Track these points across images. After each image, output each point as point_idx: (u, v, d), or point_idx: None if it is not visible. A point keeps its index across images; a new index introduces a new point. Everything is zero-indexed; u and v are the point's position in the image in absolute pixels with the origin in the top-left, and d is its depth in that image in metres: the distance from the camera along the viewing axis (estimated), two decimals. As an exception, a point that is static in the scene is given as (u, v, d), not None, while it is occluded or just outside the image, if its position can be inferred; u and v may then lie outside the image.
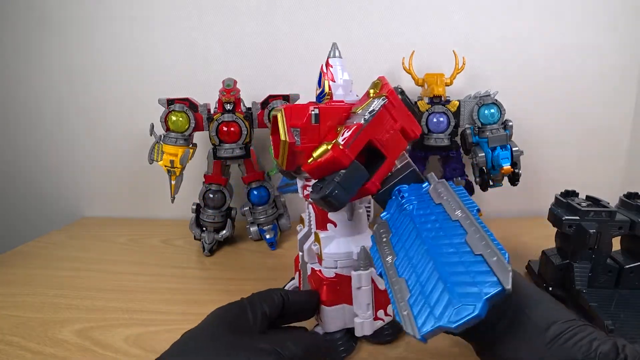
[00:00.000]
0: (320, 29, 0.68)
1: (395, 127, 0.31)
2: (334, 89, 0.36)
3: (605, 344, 0.23)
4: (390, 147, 0.31)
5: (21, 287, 0.52)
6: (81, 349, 0.39)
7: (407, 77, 0.62)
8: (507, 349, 0.26)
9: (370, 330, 0.35)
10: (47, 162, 0.81)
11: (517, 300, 0.28)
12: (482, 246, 0.21)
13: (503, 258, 0.20)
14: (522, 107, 0.69)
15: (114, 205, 0.82)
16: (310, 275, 0.38)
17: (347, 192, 0.29)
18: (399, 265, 0.25)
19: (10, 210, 0.86)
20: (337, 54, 0.37)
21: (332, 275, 0.36)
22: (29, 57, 0.75)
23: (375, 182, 0.31)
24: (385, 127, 0.31)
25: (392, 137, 0.31)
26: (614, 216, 0.42)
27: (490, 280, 0.19)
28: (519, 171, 0.55)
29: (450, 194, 0.27)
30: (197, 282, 0.54)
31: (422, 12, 0.67)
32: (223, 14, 0.69)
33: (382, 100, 0.31)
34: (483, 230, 0.22)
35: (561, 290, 0.45)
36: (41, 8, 0.72)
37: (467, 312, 0.19)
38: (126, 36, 0.72)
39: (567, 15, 0.67)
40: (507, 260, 0.20)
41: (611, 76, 0.69)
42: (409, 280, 0.23)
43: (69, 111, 0.77)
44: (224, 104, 0.59)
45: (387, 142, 0.31)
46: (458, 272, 0.21)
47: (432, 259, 0.23)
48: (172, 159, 0.57)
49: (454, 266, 0.21)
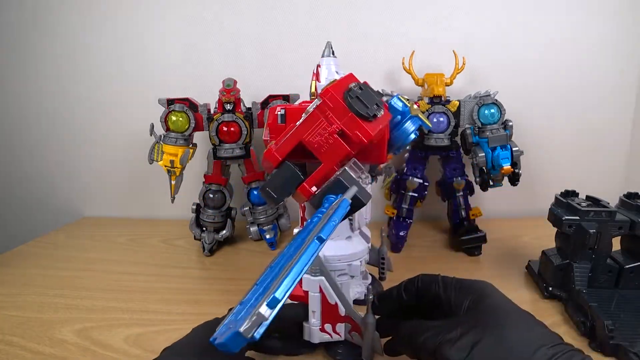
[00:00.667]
0: (320, 29, 0.68)
1: (330, 130, 0.29)
2: (319, 89, 0.36)
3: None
4: (326, 151, 0.29)
5: (21, 287, 0.52)
6: (81, 349, 0.39)
7: (407, 77, 0.62)
8: None
9: (317, 339, 0.34)
10: (47, 162, 0.81)
11: (495, 321, 0.26)
12: (269, 281, 0.21)
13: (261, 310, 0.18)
14: (522, 107, 0.69)
15: (114, 205, 0.82)
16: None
17: (277, 190, 0.29)
18: (264, 273, 0.24)
19: (10, 210, 0.86)
20: (327, 53, 0.37)
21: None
22: (28, 57, 0.75)
23: (307, 187, 0.29)
24: (317, 130, 0.29)
25: (326, 141, 0.29)
26: (614, 216, 0.42)
27: (245, 321, 0.18)
28: (519, 171, 0.55)
29: (330, 211, 0.25)
30: (197, 282, 0.54)
31: (422, 12, 0.67)
32: (223, 13, 0.69)
33: (317, 101, 0.30)
34: (293, 264, 0.21)
35: (561, 290, 0.45)
36: (40, 8, 0.72)
37: (228, 337, 0.18)
38: (126, 36, 0.72)
39: (567, 16, 0.67)
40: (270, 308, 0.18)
41: (611, 76, 0.69)
42: (252, 289, 0.23)
43: (69, 111, 0.77)
44: (224, 104, 0.59)
45: (320, 145, 0.29)
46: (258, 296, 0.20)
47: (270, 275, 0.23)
48: (172, 159, 0.57)
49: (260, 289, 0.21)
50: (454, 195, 0.61)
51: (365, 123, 0.29)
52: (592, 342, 0.38)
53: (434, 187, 0.66)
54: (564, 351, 0.24)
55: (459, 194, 0.61)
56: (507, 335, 0.25)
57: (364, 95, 0.29)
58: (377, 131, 0.29)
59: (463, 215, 0.61)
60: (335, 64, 0.37)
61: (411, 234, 0.62)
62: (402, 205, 0.61)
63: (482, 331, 0.26)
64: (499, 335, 0.25)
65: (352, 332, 0.34)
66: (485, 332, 0.25)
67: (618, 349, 0.35)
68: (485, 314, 0.27)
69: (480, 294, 0.29)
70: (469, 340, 0.25)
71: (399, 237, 0.60)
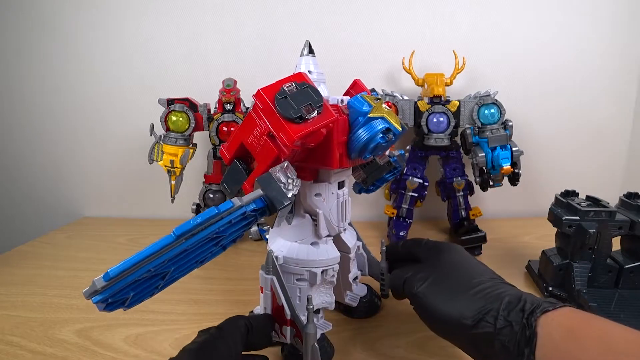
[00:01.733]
0: (320, 29, 0.68)
1: (261, 132, 0.29)
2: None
3: (512, 295, 0.28)
4: (259, 152, 0.29)
5: (21, 287, 0.52)
6: (81, 349, 0.39)
7: (407, 77, 0.62)
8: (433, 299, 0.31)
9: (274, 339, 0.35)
10: (47, 162, 0.81)
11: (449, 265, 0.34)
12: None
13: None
14: (522, 107, 0.69)
15: (114, 205, 0.82)
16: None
17: (229, 185, 0.32)
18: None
19: (10, 210, 0.86)
20: (305, 52, 0.36)
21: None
22: (28, 57, 0.75)
23: (247, 186, 0.31)
24: (252, 131, 0.29)
25: (258, 142, 0.29)
26: (614, 216, 0.42)
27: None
28: (519, 171, 0.55)
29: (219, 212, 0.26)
30: (197, 282, 0.54)
31: (422, 12, 0.67)
32: (223, 14, 0.69)
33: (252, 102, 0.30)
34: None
35: (561, 290, 0.45)
36: (41, 9, 0.72)
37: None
38: (126, 36, 0.72)
39: (567, 16, 0.67)
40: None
41: (611, 76, 0.69)
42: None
43: (69, 111, 0.77)
44: (224, 104, 0.59)
45: (254, 146, 0.30)
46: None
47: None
48: (172, 159, 0.57)
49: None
50: (454, 195, 0.61)
51: (291, 125, 0.28)
52: (592, 342, 0.38)
53: (434, 187, 0.66)
54: (495, 281, 0.30)
55: (459, 194, 0.61)
56: (455, 272, 0.32)
57: (295, 96, 0.28)
58: (303, 133, 0.28)
59: (463, 215, 0.61)
60: (314, 63, 0.36)
61: (411, 234, 0.62)
62: (402, 205, 0.61)
63: (437, 270, 0.33)
64: (449, 272, 0.33)
65: (295, 338, 0.34)
66: (439, 270, 0.33)
67: (618, 349, 0.35)
68: (443, 261, 0.35)
69: (445, 248, 0.37)
70: (425, 275, 0.33)
71: (399, 237, 0.60)
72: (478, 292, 0.29)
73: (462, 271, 0.32)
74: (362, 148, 0.31)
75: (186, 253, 0.26)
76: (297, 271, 0.35)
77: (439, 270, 0.33)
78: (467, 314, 0.28)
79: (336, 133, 0.31)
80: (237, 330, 0.30)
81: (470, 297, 0.29)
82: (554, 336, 0.24)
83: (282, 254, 0.35)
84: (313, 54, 0.36)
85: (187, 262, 0.27)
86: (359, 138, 0.31)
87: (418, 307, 0.32)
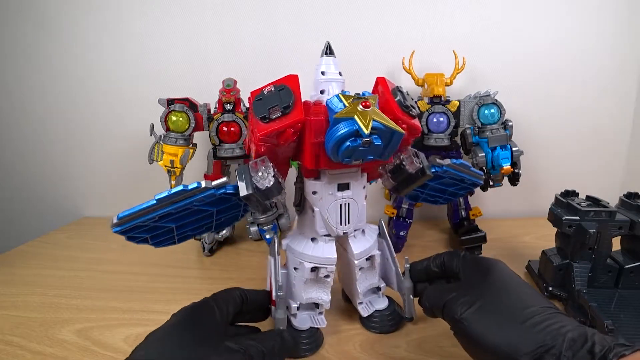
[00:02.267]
0: (320, 29, 0.68)
1: (250, 129, 0.34)
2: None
3: (574, 331, 0.25)
4: (251, 146, 0.35)
5: (21, 287, 0.52)
6: (81, 349, 0.39)
7: (407, 77, 0.62)
8: (480, 327, 0.27)
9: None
10: (47, 162, 0.81)
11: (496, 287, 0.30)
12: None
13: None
14: (522, 107, 0.69)
15: (114, 205, 0.82)
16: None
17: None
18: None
19: (10, 210, 0.86)
20: (323, 53, 0.37)
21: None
22: (28, 57, 0.75)
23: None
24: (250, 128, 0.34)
25: (250, 137, 0.34)
26: (614, 216, 0.42)
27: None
28: (519, 171, 0.55)
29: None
30: (197, 282, 0.54)
31: (422, 12, 0.67)
32: (223, 13, 0.69)
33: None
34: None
35: (561, 290, 0.45)
36: (41, 8, 0.72)
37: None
38: (126, 36, 0.72)
39: (567, 15, 0.67)
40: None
41: (611, 76, 0.69)
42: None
43: (69, 111, 0.77)
44: (224, 104, 0.59)
45: (249, 141, 0.35)
46: None
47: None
48: (172, 159, 0.57)
49: None
50: (454, 195, 0.61)
51: (259, 124, 0.31)
52: (592, 342, 0.38)
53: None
54: (550, 312, 0.27)
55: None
56: (504, 297, 0.29)
57: (268, 98, 0.31)
58: (265, 132, 0.30)
59: (463, 215, 0.61)
60: (334, 63, 0.36)
61: (411, 234, 0.62)
62: (402, 205, 0.61)
63: (483, 293, 0.30)
64: (497, 296, 0.29)
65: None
66: (486, 293, 0.30)
67: (618, 349, 0.35)
68: (489, 282, 0.31)
69: (489, 267, 0.33)
70: (471, 299, 0.29)
71: (399, 237, 0.60)
72: (535, 325, 0.26)
73: (512, 296, 0.29)
74: (332, 150, 0.30)
75: (179, 217, 0.34)
76: (294, 260, 0.38)
77: (486, 294, 0.30)
78: (523, 349, 0.25)
79: (308, 133, 0.32)
80: (230, 298, 0.34)
81: (526, 330, 0.26)
82: None
83: (287, 241, 0.39)
84: (332, 54, 0.37)
85: (190, 225, 0.35)
86: (327, 140, 0.31)
87: (462, 335, 0.29)
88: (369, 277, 0.41)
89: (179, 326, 0.30)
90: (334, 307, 0.46)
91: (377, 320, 0.41)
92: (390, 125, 0.29)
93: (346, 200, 0.36)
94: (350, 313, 0.44)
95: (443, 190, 0.42)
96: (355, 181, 0.37)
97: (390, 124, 0.30)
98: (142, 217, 0.33)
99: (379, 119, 0.29)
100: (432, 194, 0.42)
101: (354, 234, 0.39)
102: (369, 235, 0.40)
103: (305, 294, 0.38)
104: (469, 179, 0.42)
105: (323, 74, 0.35)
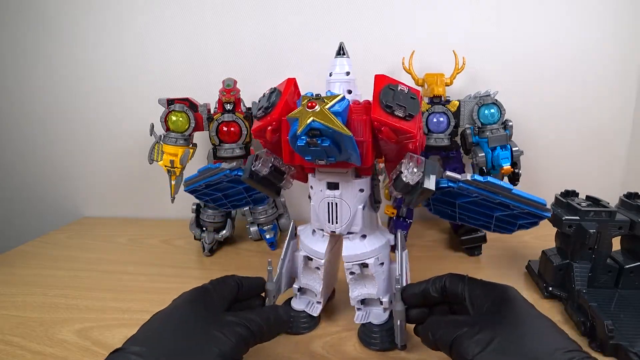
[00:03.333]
0: (320, 29, 0.68)
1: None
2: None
3: None
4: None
5: (21, 287, 0.52)
6: (81, 349, 0.39)
7: (407, 77, 0.62)
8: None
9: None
10: (47, 162, 0.81)
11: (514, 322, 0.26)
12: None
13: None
14: (522, 107, 0.69)
15: (114, 205, 0.82)
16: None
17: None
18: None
19: (10, 210, 0.86)
20: (339, 53, 0.38)
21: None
22: (28, 57, 0.75)
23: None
24: None
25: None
26: (614, 216, 0.42)
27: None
28: (518, 171, 0.55)
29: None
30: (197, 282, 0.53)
31: (422, 12, 0.67)
32: (223, 13, 0.69)
33: None
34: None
35: (561, 290, 0.45)
36: (41, 9, 0.72)
37: None
38: (126, 36, 0.72)
39: (567, 15, 0.67)
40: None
41: (611, 76, 0.69)
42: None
43: (69, 111, 0.77)
44: (224, 104, 0.59)
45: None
46: None
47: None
48: (172, 159, 0.57)
49: None
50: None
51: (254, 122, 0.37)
52: (592, 342, 0.38)
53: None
54: (580, 357, 0.23)
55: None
56: (524, 336, 0.25)
57: (262, 98, 0.36)
58: (253, 129, 0.37)
59: (463, 215, 0.61)
60: (340, 64, 0.37)
61: (411, 234, 0.62)
62: (402, 205, 0.61)
63: (500, 329, 0.26)
64: (516, 334, 0.25)
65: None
66: (503, 330, 0.26)
67: (618, 349, 0.35)
68: (505, 315, 0.27)
69: (502, 296, 0.30)
70: (486, 336, 0.26)
71: (399, 237, 0.60)
72: None
73: (534, 334, 0.25)
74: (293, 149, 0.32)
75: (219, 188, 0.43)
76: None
77: (503, 331, 0.26)
78: None
79: (284, 131, 0.34)
80: (226, 284, 0.36)
81: None
82: None
83: (301, 227, 0.43)
84: (343, 55, 0.38)
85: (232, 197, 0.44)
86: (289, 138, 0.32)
87: None
88: (367, 285, 0.39)
89: (181, 306, 0.31)
90: (336, 306, 0.46)
91: (370, 335, 0.39)
92: (332, 127, 0.28)
93: (334, 200, 0.36)
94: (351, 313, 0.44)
95: (485, 214, 0.34)
96: (346, 182, 0.36)
97: (332, 125, 0.28)
98: (194, 184, 0.43)
99: (320, 119, 0.28)
100: (475, 217, 0.35)
101: (350, 237, 0.38)
102: (369, 243, 0.38)
103: (303, 278, 0.42)
104: (514, 204, 0.32)
105: (330, 75, 0.37)
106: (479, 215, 0.35)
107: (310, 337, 0.41)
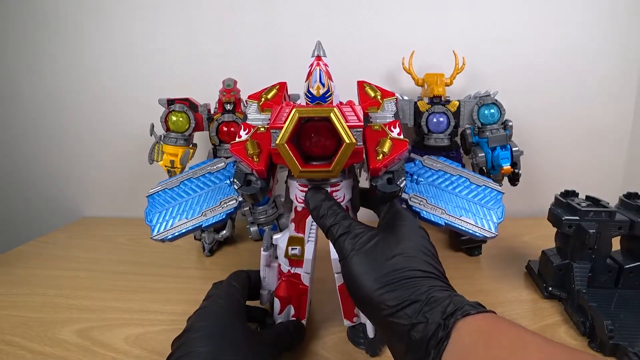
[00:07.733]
0: (320, 29, 0.68)
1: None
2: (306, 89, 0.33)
3: (440, 292, 0.25)
4: None
5: (21, 287, 0.52)
6: (81, 349, 0.39)
7: (407, 77, 0.62)
8: (354, 263, 0.28)
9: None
10: (47, 162, 0.81)
11: (390, 231, 0.31)
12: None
13: None
14: (522, 107, 0.69)
15: (114, 205, 0.82)
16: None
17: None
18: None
19: (10, 210, 0.86)
20: (317, 53, 0.35)
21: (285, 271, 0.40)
22: (28, 57, 0.75)
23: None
24: None
25: None
26: (613, 216, 0.42)
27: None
28: (518, 171, 0.55)
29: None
30: (197, 282, 0.54)
31: (422, 12, 0.67)
32: (223, 13, 0.69)
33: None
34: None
35: (561, 290, 0.45)
36: (41, 9, 0.72)
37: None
38: (126, 36, 0.72)
39: (567, 15, 0.67)
40: None
41: (611, 76, 0.69)
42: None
43: (69, 111, 0.77)
44: (224, 104, 0.59)
45: None
46: None
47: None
48: (172, 159, 0.57)
49: None
50: (454, 195, 0.61)
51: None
52: (592, 342, 0.38)
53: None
54: (433, 275, 0.28)
55: (459, 194, 0.61)
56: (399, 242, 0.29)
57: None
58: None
59: (463, 215, 0.61)
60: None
61: (411, 234, 0.62)
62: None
63: (376, 234, 0.30)
64: (391, 242, 0.29)
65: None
66: (378, 235, 0.30)
67: (618, 349, 0.35)
68: (386, 227, 0.32)
69: (393, 216, 0.33)
70: (366, 237, 0.29)
71: (399, 237, 0.60)
72: (408, 281, 0.26)
73: (405, 253, 0.28)
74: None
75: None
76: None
77: (378, 234, 0.30)
78: (390, 302, 0.25)
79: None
80: (242, 279, 0.39)
81: (398, 285, 0.26)
82: (465, 341, 0.22)
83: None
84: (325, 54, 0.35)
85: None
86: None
87: (346, 269, 0.29)
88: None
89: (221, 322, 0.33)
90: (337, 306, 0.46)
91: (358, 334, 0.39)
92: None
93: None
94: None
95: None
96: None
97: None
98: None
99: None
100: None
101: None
102: None
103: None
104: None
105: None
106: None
107: (310, 337, 0.41)
